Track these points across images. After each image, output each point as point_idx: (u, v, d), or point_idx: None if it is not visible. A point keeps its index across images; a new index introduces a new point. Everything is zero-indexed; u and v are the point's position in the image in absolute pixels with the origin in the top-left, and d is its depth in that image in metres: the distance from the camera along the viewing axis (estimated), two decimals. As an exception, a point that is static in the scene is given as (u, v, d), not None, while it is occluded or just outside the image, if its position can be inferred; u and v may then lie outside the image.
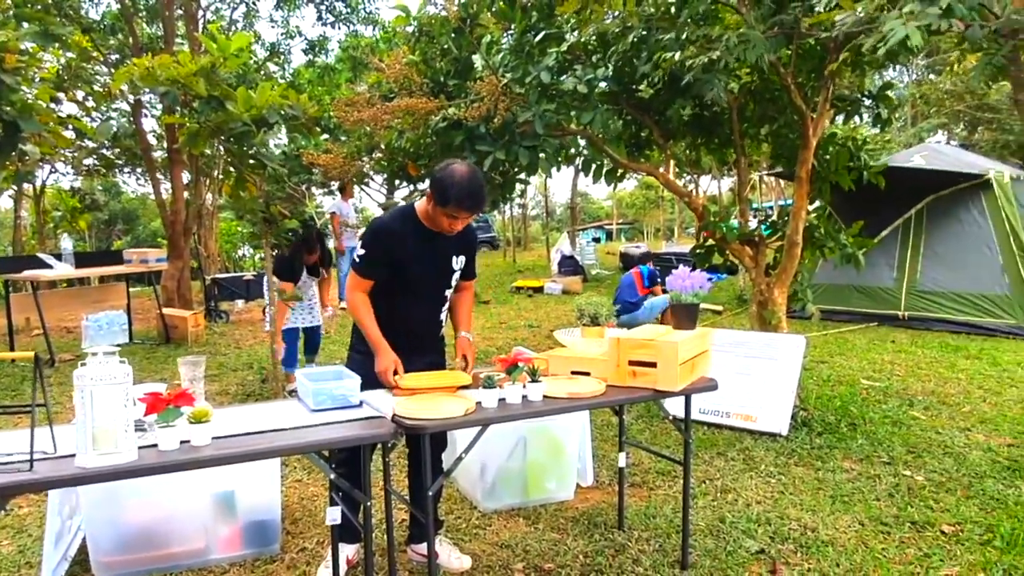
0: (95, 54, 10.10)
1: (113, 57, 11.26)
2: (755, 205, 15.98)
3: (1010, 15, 2.76)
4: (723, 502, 3.62)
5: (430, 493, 2.44)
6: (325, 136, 12.36)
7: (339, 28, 14.07)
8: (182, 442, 2.04)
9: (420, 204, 2.84)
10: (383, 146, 5.53)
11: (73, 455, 1.91)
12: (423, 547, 3.06)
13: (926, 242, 8.48)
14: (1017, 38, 2.84)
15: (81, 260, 8.34)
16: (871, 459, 4.17)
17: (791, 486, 3.80)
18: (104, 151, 13.72)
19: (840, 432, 4.61)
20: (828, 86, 4.51)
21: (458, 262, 2.94)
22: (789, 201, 5.17)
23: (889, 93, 5.16)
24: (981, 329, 7.82)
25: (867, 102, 5.15)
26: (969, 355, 6.86)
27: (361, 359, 2.85)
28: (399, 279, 2.82)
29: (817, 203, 5.61)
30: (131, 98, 10.19)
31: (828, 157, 5.17)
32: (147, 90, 4.42)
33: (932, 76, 17.77)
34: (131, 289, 9.36)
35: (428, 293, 2.90)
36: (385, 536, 2.72)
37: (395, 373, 2.70)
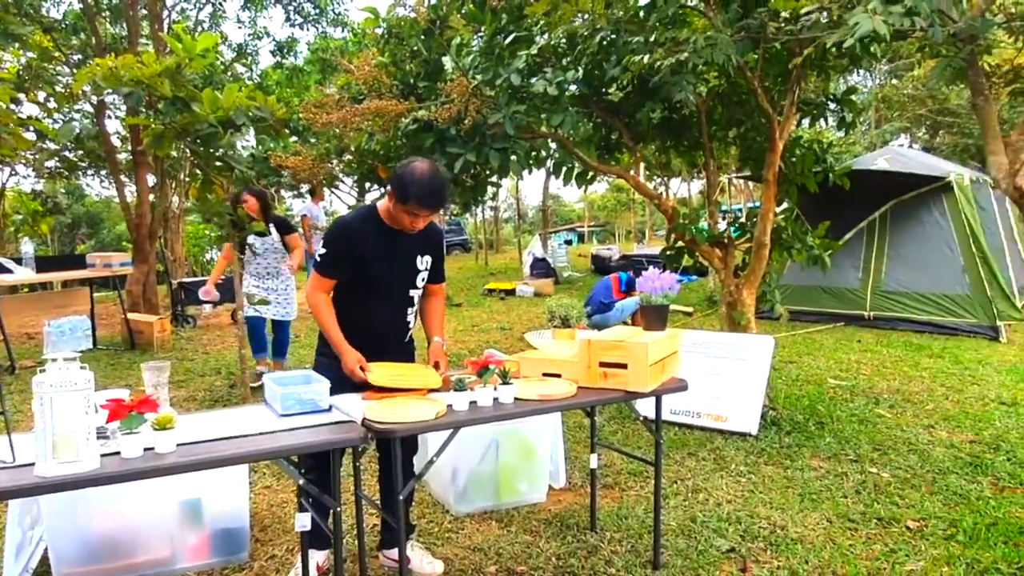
0: (56, 54, 9.89)
1: (75, 57, 11.03)
2: (724, 207, 16.16)
3: (967, 20, 2.83)
4: (694, 502, 3.65)
5: (401, 497, 2.42)
6: (294, 138, 12.23)
7: (308, 29, 13.94)
8: (146, 449, 2.00)
9: (382, 203, 2.84)
10: (353, 148, 5.49)
11: (33, 464, 1.86)
12: (395, 552, 3.03)
13: (890, 243, 8.64)
14: (974, 43, 2.91)
15: (43, 264, 8.16)
16: (838, 457, 4.24)
17: (761, 485, 3.84)
18: (66, 153, 13.42)
19: (808, 431, 4.67)
20: (794, 90, 4.58)
21: (423, 262, 2.92)
22: (757, 203, 5.24)
23: (853, 97, 5.26)
24: (943, 328, 7.99)
25: (832, 106, 5.24)
26: (932, 354, 7.00)
27: (327, 363, 2.82)
28: (360, 277, 2.81)
29: (784, 205, 5.69)
30: (94, 99, 9.99)
31: (794, 160, 5.25)
32: (110, 91, 4.32)
33: (895, 80, 18.15)
34: (95, 294, 9.14)
35: (390, 292, 2.88)
36: (356, 542, 2.69)
37: (362, 370, 2.69)
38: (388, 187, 2.79)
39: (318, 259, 2.83)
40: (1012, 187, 2.90)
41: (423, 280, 2.96)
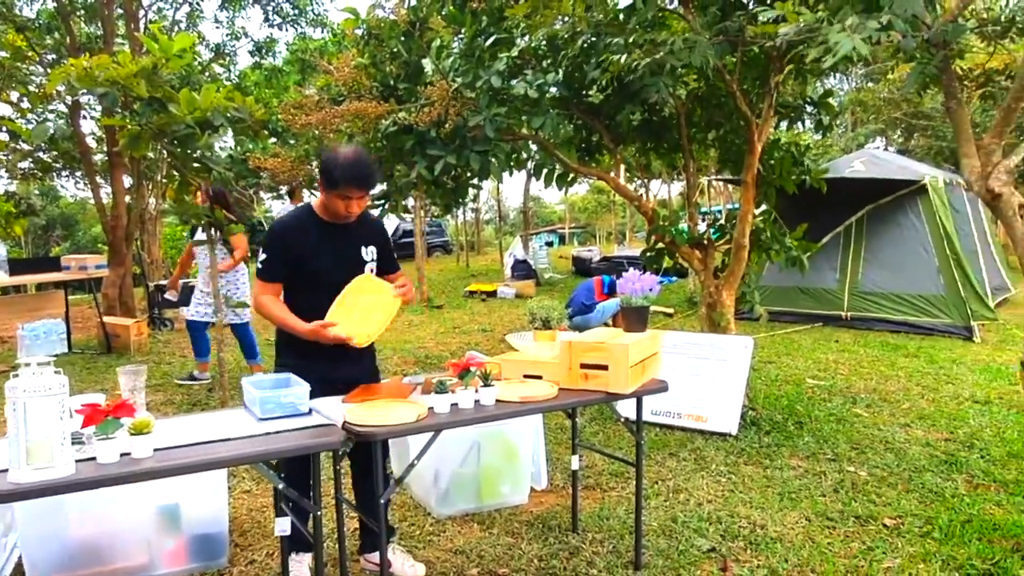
0: (30, 54, 9.75)
1: (49, 57, 10.87)
2: (704, 209, 16.27)
3: (940, 27, 2.88)
4: (675, 502, 3.66)
5: (383, 501, 2.41)
6: (273, 140, 12.13)
7: (287, 30, 13.84)
8: (122, 454, 1.97)
9: (317, 200, 2.84)
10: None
11: (6, 470, 1.83)
12: (376, 556, 3.01)
13: (866, 245, 8.75)
14: (947, 48, 2.96)
15: (16, 267, 8.03)
16: (817, 456, 4.28)
17: (741, 484, 3.87)
18: (40, 154, 13.22)
19: (787, 430, 4.72)
20: (772, 93, 4.63)
21: (368, 253, 2.90)
22: (736, 205, 5.28)
23: (830, 100, 5.32)
24: (919, 328, 8.11)
25: (809, 109, 5.30)
26: (908, 353, 7.10)
27: (287, 372, 2.77)
28: (305, 278, 2.78)
29: (763, 207, 5.74)
30: (68, 99, 9.85)
31: (773, 162, 5.30)
32: (85, 91, 4.27)
33: (870, 84, 18.38)
34: (70, 297, 9.02)
35: (340, 287, 2.80)
36: (336, 546, 2.67)
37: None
38: (317, 179, 2.78)
39: (260, 266, 2.79)
40: (984, 189, 2.95)
41: (372, 271, 2.92)
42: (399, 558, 2.99)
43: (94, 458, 1.94)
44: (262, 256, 2.80)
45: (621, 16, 4.40)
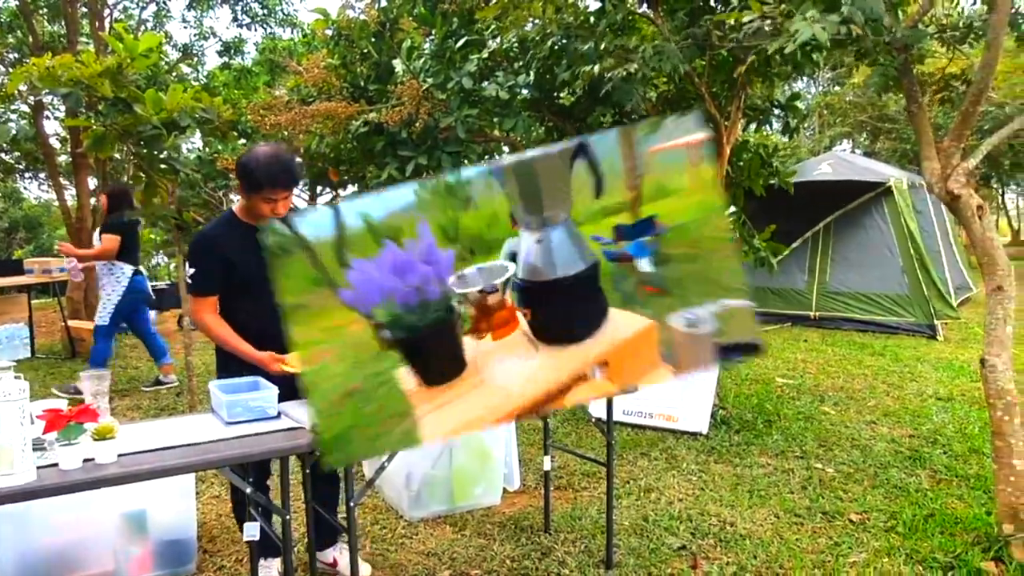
0: (-10, 52, 9.55)
1: (11, 56, 10.65)
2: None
3: (902, 30, 2.94)
4: (646, 501, 3.69)
5: (353, 504, 2.40)
6: (242, 141, 12.01)
7: (255, 30, 13.69)
8: (85, 460, 1.94)
9: (238, 205, 2.77)
10: (302, 151, 5.42)
11: (-37, 478, 1.79)
12: (323, 554, 3.01)
13: (834, 246, 8.88)
14: (908, 52, 3.02)
15: (-24, 271, 7.84)
16: (785, 454, 4.34)
17: (711, 483, 3.91)
18: (2, 155, 12.94)
19: (757, 429, 4.77)
20: (740, 95, 4.69)
21: None
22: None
23: (797, 103, 5.40)
24: (884, 327, 8.25)
25: (777, 112, 5.37)
26: (874, 352, 7.23)
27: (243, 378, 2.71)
28: (239, 287, 2.67)
29: (732, 208, 5.80)
30: (31, 99, 9.65)
31: (741, 164, 5.36)
32: (48, 91, 4.19)
33: (837, 88, 18.69)
34: (34, 301, 8.83)
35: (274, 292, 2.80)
36: (302, 549, 2.65)
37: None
38: (238, 184, 2.69)
39: (189, 281, 2.68)
40: (944, 191, 3.02)
41: None
42: (346, 557, 2.96)
43: (56, 464, 1.91)
44: (191, 271, 2.68)
45: (591, 19, 4.43)
